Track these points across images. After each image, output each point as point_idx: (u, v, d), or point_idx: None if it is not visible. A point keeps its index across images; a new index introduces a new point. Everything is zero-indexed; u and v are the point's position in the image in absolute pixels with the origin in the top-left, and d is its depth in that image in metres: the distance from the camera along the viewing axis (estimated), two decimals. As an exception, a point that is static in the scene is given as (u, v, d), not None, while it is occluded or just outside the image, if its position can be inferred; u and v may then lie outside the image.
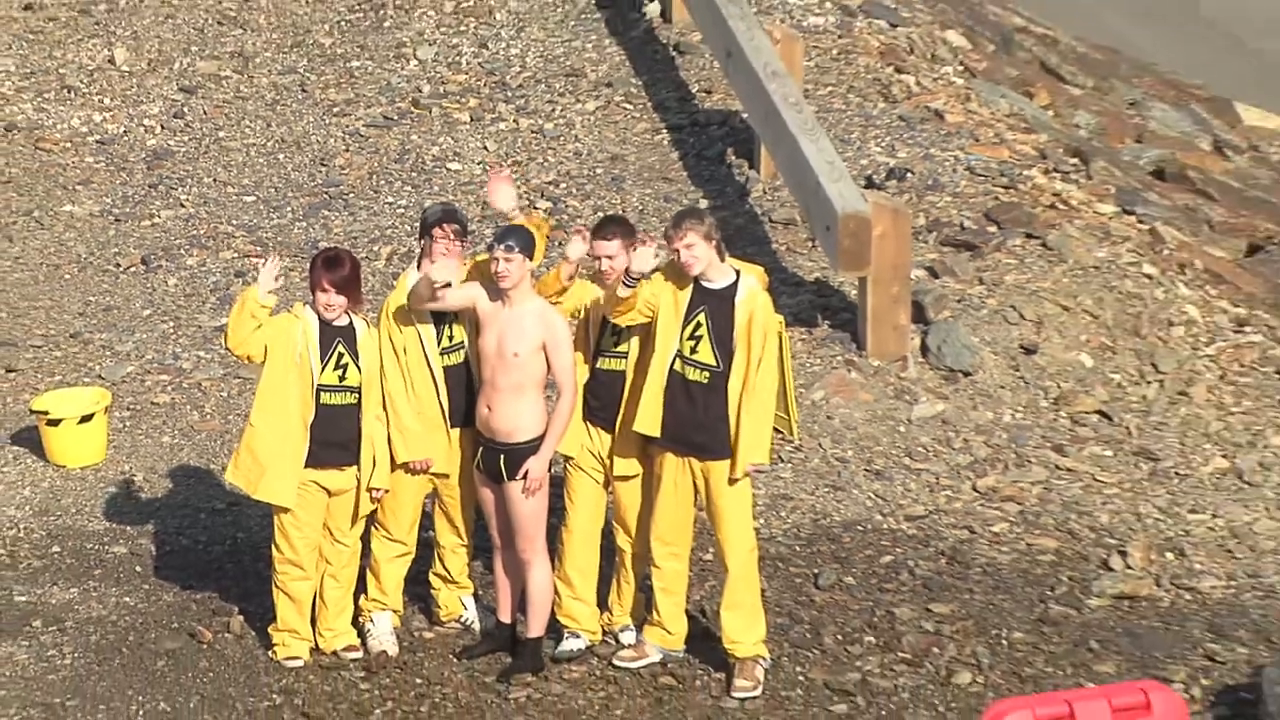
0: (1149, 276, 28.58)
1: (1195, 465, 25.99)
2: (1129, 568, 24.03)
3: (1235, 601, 23.41)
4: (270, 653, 21.90)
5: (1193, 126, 33.31)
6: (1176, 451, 26.19)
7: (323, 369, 21.46)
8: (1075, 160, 30.76)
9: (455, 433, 21.81)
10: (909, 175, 29.17)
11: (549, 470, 21.58)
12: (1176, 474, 25.78)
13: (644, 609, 22.07)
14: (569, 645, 21.95)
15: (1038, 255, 28.10)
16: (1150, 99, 34.73)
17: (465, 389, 21.78)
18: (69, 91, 30.04)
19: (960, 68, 32.44)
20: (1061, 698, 17.06)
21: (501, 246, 21.01)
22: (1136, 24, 41.97)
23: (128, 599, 22.68)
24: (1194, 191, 30.98)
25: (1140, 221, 29.61)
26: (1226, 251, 29.83)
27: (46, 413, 24.67)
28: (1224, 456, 26.32)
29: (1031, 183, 29.63)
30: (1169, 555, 24.21)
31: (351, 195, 28.72)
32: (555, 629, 21.95)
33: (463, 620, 22.42)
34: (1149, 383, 27.37)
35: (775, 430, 21.73)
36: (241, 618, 22.34)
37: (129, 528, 23.69)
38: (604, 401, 21.69)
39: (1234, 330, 28.21)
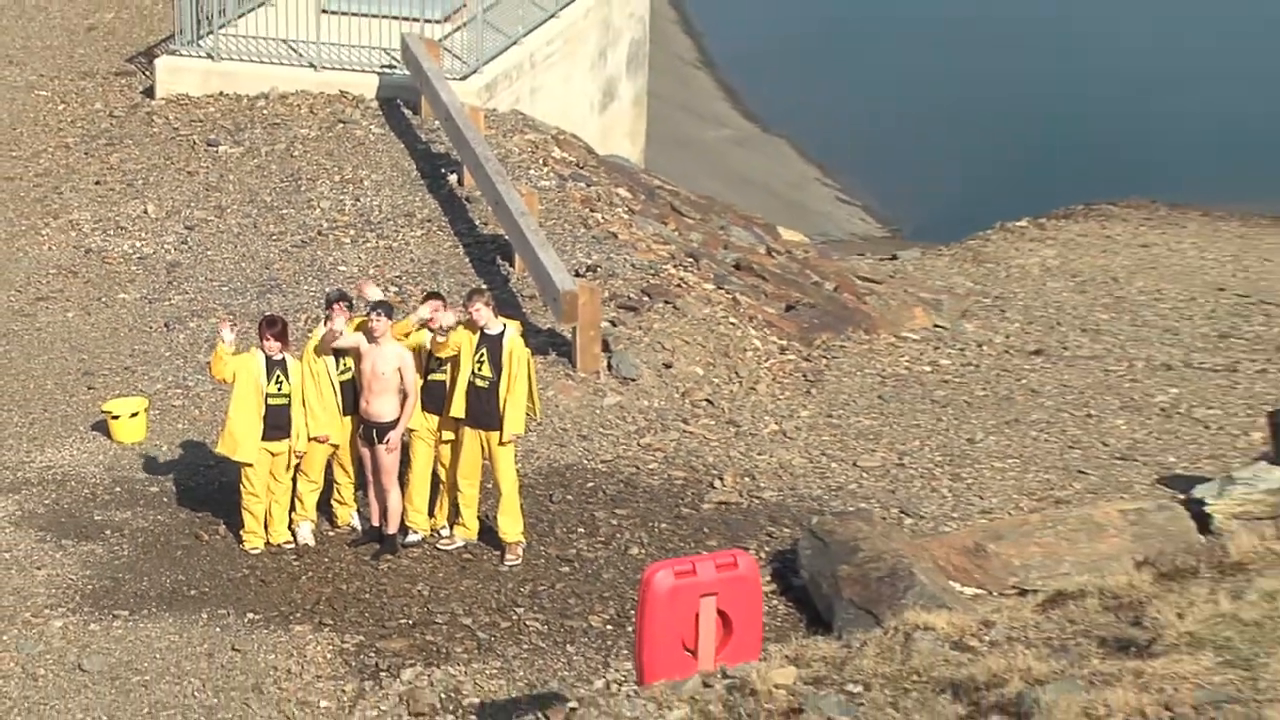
0: (733, 323, 28.68)
1: (760, 429, 26.27)
2: (724, 486, 24.37)
3: (782, 504, 23.94)
4: (240, 545, 22.35)
5: (754, 240, 32.18)
6: (749, 422, 26.42)
7: (268, 384, 21.93)
8: (690, 259, 30.65)
9: (346, 419, 22.27)
10: (598, 269, 29.00)
11: (401, 438, 22.16)
12: (750, 434, 26.05)
13: (454, 515, 22.61)
14: (412, 538, 22.58)
15: (671, 313, 28.20)
16: (731, 225, 33.76)
17: (352, 394, 22.14)
18: (122, 230, 29.79)
19: (626, 209, 31.88)
20: (688, 560, 17.21)
21: (374, 313, 21.77)
22: (720, 183, 40.94)
23: (159, 517, 23.00)
24: (756, 276, 30.96)
25: (727, 293, 29.64)
26: (774, 309, 29.88)
27: (111, 412, 24.74)
28: (776, 424, 26.52)
29: (667, 272, 29.62)
30: (746, 479, 24.63)
31: (284, 286, 28.35)
32: (404, 528, 22.45)
33: (350, 525, 22.87)
34: (734, 383, 27.38)
35: (527, 414, 22.35)
36: (224, 525, 22.72)
37: (159, 476, 23.86)
38: (432, 400, 22.19)
39: (779, 353, 28.39)
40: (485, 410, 21.98)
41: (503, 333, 22.07)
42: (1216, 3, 52.72)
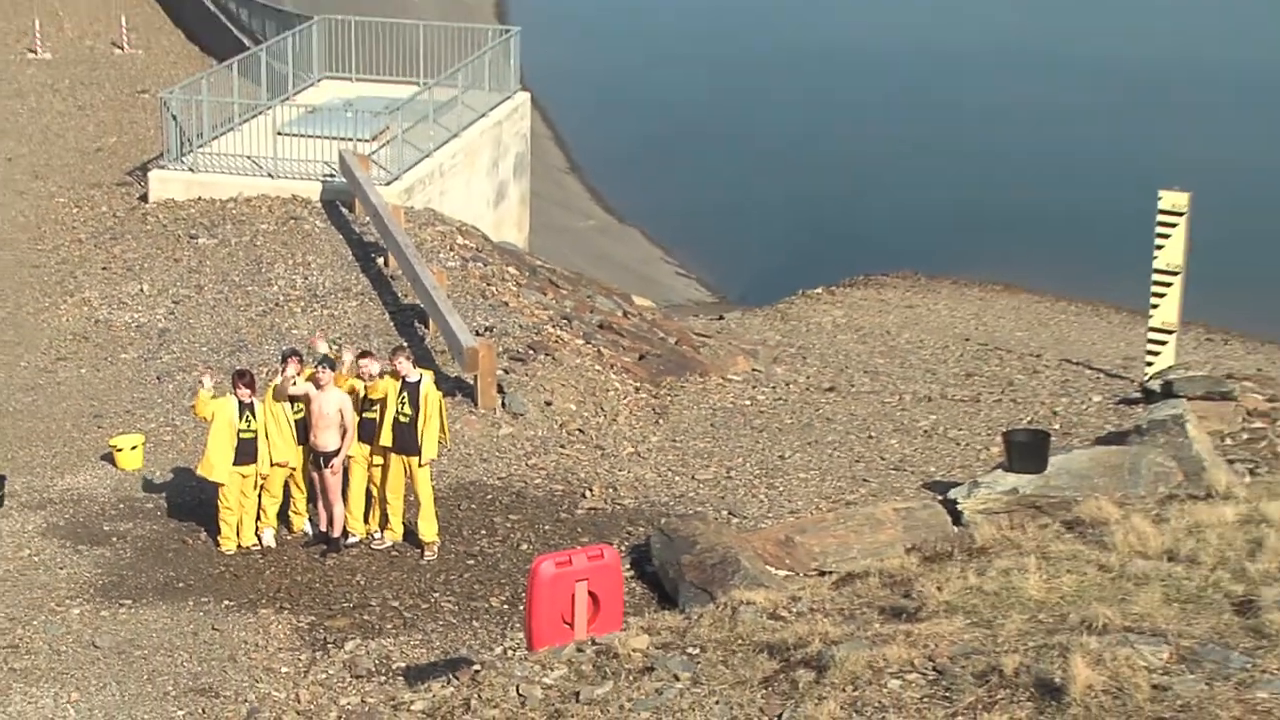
0: (598, 370, 28.54)
1: (620, 451, 26.15)
2: (593, 496, 24.21)
3: (638, 509, 23.84)
4: (218, 547, 22.19)
5: (614, 306, 32.47)
6: (611, 446, 26.24)
7: (239, 422, 21.73)
8: (565, 321, 30.33)
9: (299, 448, 22.07)
10: (493, 330, 28.64)
11: (342, 463, 21.96)
12: (612, 455, 25.93)
13: (384, 522, 22.44)
14: (351, 540, 22.35)
15: (550, 363, 28.03)
16: (596, 294, 33.51)
17: (304, 429, 21.95)
18: (123, 304, 29.41)
19: (514, 283, 31.61)
20: (566, 553, 17.35)
21: (320, 368, 21.74)
22: (587, 262, 41.26)
23: (154, 526, 22.93)
24: (616, 333, 30.69)
25: (593, 347, 29.47)
26: (630, 358, 29.67)
27: (116, 445, 24.53)
28: (632, 447, 26.43)
29: (547, 331, 29.37)
30: (609, 490, 24.46)
31: (250, 345, 28.14)
32: (345, 533, 22.25)
33: (304, 531, 22.70)
34: (599, 416, 27.19)
35: (439, 442, 22.23)
36: (204, 532, 22.55)
37: (154, 495, 23.77)
38: (366, 433, 21.99)
39: (634, 392, 28.30)
40: (407, 440, 21.87)
41: (420, 380, 21.99)
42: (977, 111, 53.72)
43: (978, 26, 62.77)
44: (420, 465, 22.05)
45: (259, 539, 22.44)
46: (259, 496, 22.36)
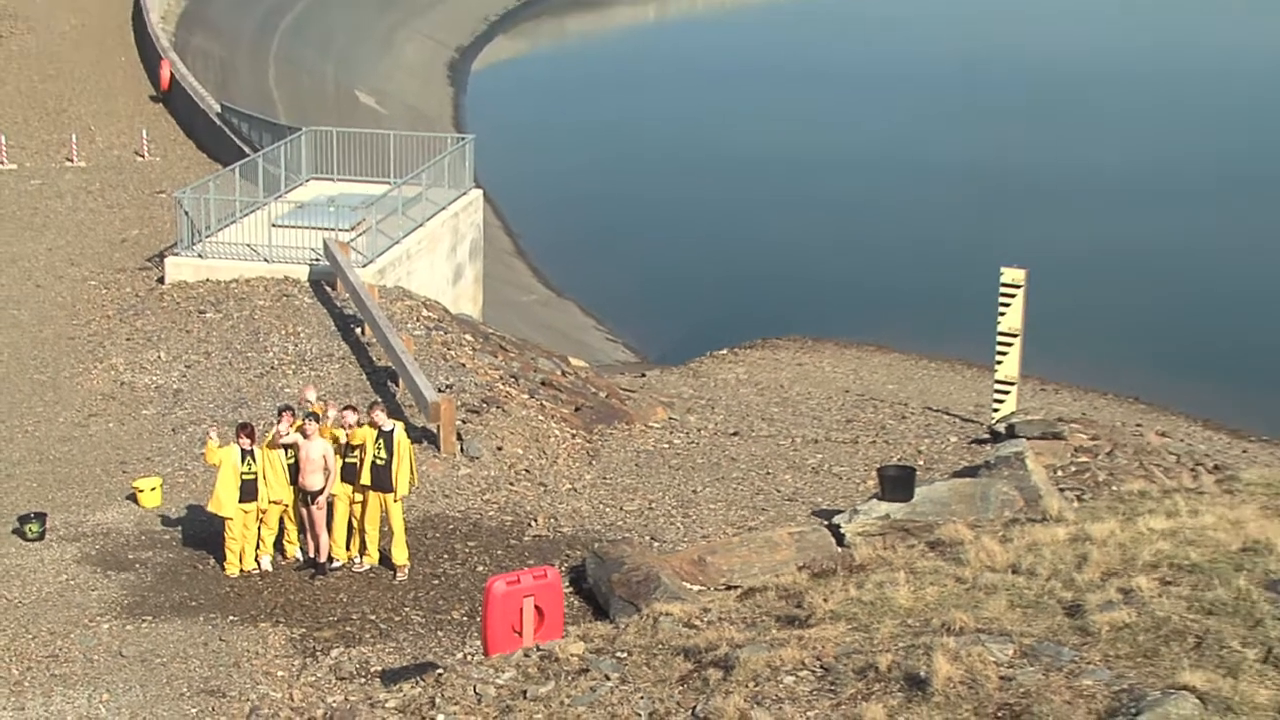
0: (540, 420, 28.35)
1: (560, 488, 25.88)
2: (537, 526, 24.03)
3: (575, 536, 23.70)
4: (224, 571, 22.05)
5: (554, 366, 32.22)
6: (553, 483, 25.99)
7: (242, 466, 21.62)
8: (513, 379, 30.01)
9: (291, 488, 21.91)
10: (453, 387, 28.19)
11: (327, 500, 21.87)
12: (554, 491, 25.65)
13: (362, 549, 22.24)
14: (335, 565, 22.18)
15: (501, 415, 27.80)
16: (539, 357, 32.88)
17: (295, 473, 21.80)
18: (144, 369, 28.02)
19: (470, 348, 31.03)
20: (515, 574, 17.36)
21: (308, 420, 21.72)
22: (531, 330, 40.63)
23: (170, 555, 22.76)
24: (555, 389, 30.34)
25: (537, 401, 29.27)
26: (567, 410, 29.43)
27: (138, 487, 24.33)
28: (570, 484, 26.08)
29: (498, 388, 29.08)
30: (552, 520, 24.31)
31: (250, 403, 27.80)
32: (330, 558, 22.11)
33: (296, 557, 22.44)
34: (542, 459, 26.87)
35: (410, 482, 22.17)
36: (213, 559, 22.39)
37: (170, 529, 23.60)
38: (347, 474, 21.84)
39: (571, 438, 28.07)
40: (383, 479, 21.79)
41: (393, 429, 21.95)
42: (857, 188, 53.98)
43: (853, 136, 63.35)
44: (394, 500, 22.02)
45: (258, 564, 22.25)
46: (259, 528, 22.15)
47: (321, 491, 21.84)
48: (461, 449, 26.45)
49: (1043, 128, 64.14)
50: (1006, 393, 30.94)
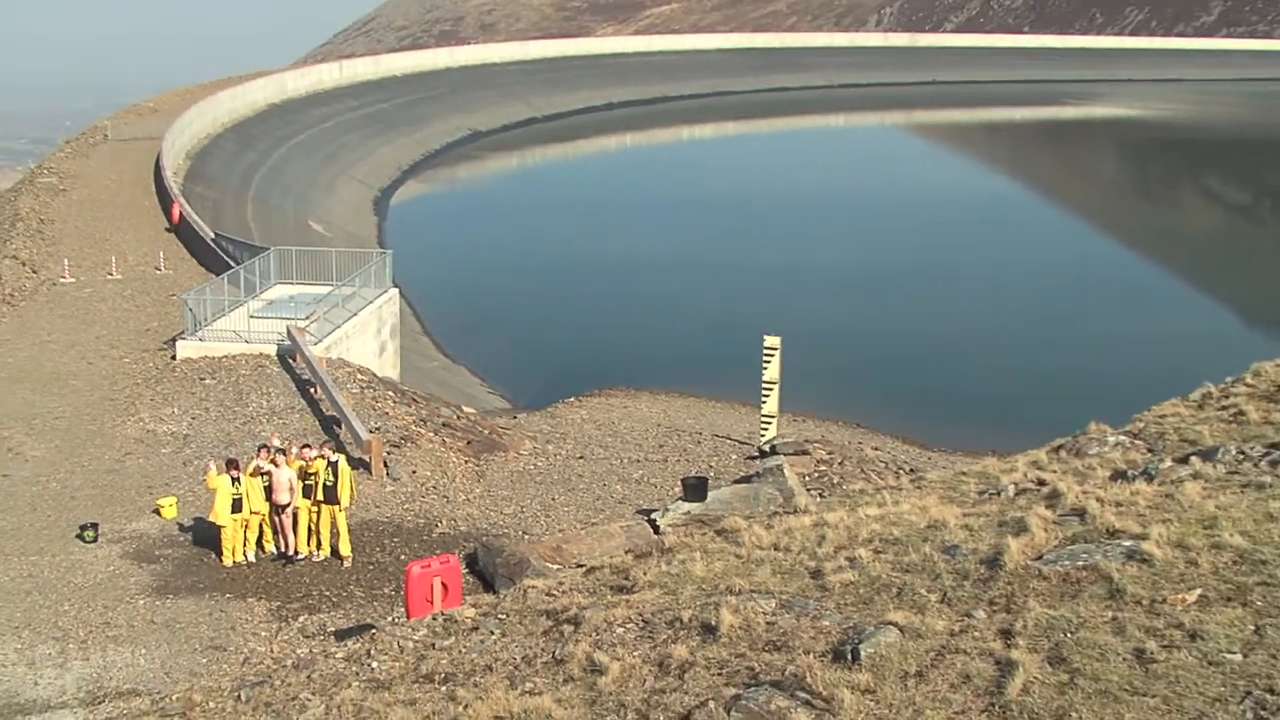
0: (443, 451, 27.45)
1: (457, 499, 25.54)
2: (442, 526, 23.67)
3: (470, 533, 23.49)
4: (221, 562, 21.63)
5: (452, 413, 31.07)
6: (452, 495, 25.49)
7: (232, 488, 21.44)
8: (423, 423, 28.84)
9: (267, 504, 21.61)
10: (380, 429, 27.20)
11: (292, 511, 21.64)
12: (453, 502, 25.20)
13: (318, 545, 21.85)
14: (299, 557, 21.75)
15: (415, 448, 27.03)
16: (441, 406, 31.56)
17: (269, 491, 21.59)
18: (162, 420, 26.72)
19: (391, 401, 30.03)
20: (427, 560, 17.25)
21: (277, 454, 21.31)
22: (435, 387, 39.91)
23: (184, 551, 22.26)
24: (453, 429, 28.85)
25: (440, 438, 28.17)
26: (463, 444, 28.31)
27: (160, 504, 23.75)
28: (464, 496, 25.66)
29: (413, 430, 28.22)
30: (452, 522, 24.09)
31: (236, 444, 26.43)
32: (296, 552, 21.75)
33: (272, 551, 22.01)
34: (445, 479, 26.16)
35: (351, 497, 21.94)
36: (214, 554, 21.90)
37: (184, 533, 23.01)
38: (307, 493, 21.72)
39: (465, 463, 27.24)
40: (332, 496, 21.68)
41: (338, 460, 21.84)
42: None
43: (663, 246, 63.81)
44: (340, 511, 21.82)
45: (246, 557, 21.89)
46: (245, 532, 21.88)
47: (289, 505, 21.57)
48: (388, 473, 25.99)
49: (793, 240, 65.37)
50: (769, 423, 31.39)
